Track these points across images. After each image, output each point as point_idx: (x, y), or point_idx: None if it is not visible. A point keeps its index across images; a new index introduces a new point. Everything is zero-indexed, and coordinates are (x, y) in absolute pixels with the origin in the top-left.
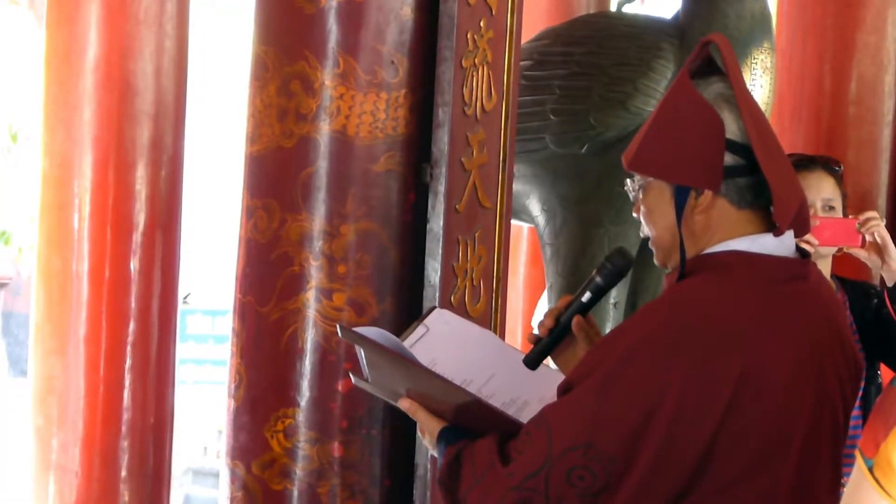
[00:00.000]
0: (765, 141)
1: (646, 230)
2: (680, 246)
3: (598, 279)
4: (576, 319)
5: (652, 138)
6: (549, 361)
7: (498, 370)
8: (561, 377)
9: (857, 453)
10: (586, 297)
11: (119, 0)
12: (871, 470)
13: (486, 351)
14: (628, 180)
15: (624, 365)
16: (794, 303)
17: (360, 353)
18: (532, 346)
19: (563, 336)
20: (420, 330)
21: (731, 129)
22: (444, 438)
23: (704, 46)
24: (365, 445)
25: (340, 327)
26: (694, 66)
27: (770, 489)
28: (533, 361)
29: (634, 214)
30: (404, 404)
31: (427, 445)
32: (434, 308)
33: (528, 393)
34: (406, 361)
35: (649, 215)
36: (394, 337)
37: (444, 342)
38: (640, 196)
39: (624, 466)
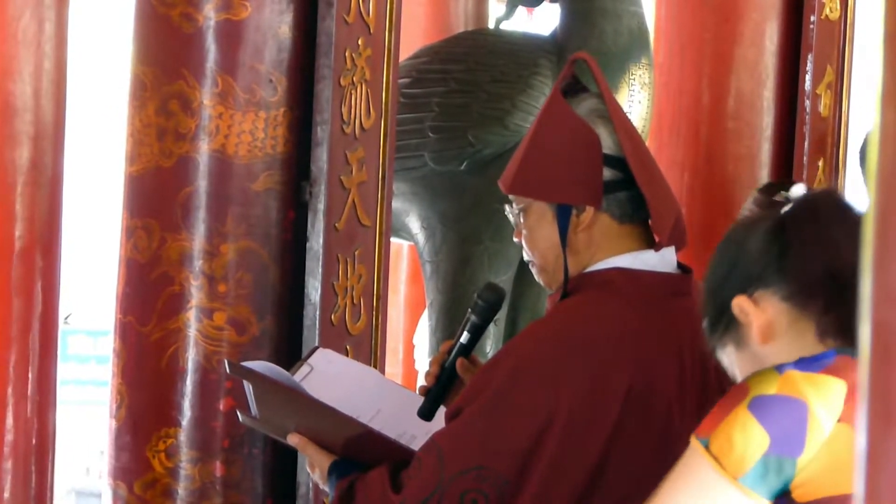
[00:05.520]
0: (639, 154)
1: (528, 255)
2: (564, 265)
3: (473, 318)
4: (459, 362)
5: (529, 159)
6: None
7: (383, 406)
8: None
9: (693, 438)
10: (465, 338)
11: None
12: (706, 447)
13: (371, 388)
14: (507, 205)
15: (511, 385)
16: (676, 318)
17: (248, 388)
18: (424, 397)
19: (452, 381)
20: (304, 369)
21: (608, 144)
22: (335, 471)
23: (572, 64)
24: (247, 465)
25: (228, 362)
26: (564, 83)
27: None
28: (427, 412)
29: (515, 239)
30: (293, 440)
31: (317, 480)
32: (317, 348)
33: (416, 427)
34: (297, 394)
35: (531, 239)
36: (283, 370)
37: (328, 380)
38: (521, 220)
39: (516, 487)
